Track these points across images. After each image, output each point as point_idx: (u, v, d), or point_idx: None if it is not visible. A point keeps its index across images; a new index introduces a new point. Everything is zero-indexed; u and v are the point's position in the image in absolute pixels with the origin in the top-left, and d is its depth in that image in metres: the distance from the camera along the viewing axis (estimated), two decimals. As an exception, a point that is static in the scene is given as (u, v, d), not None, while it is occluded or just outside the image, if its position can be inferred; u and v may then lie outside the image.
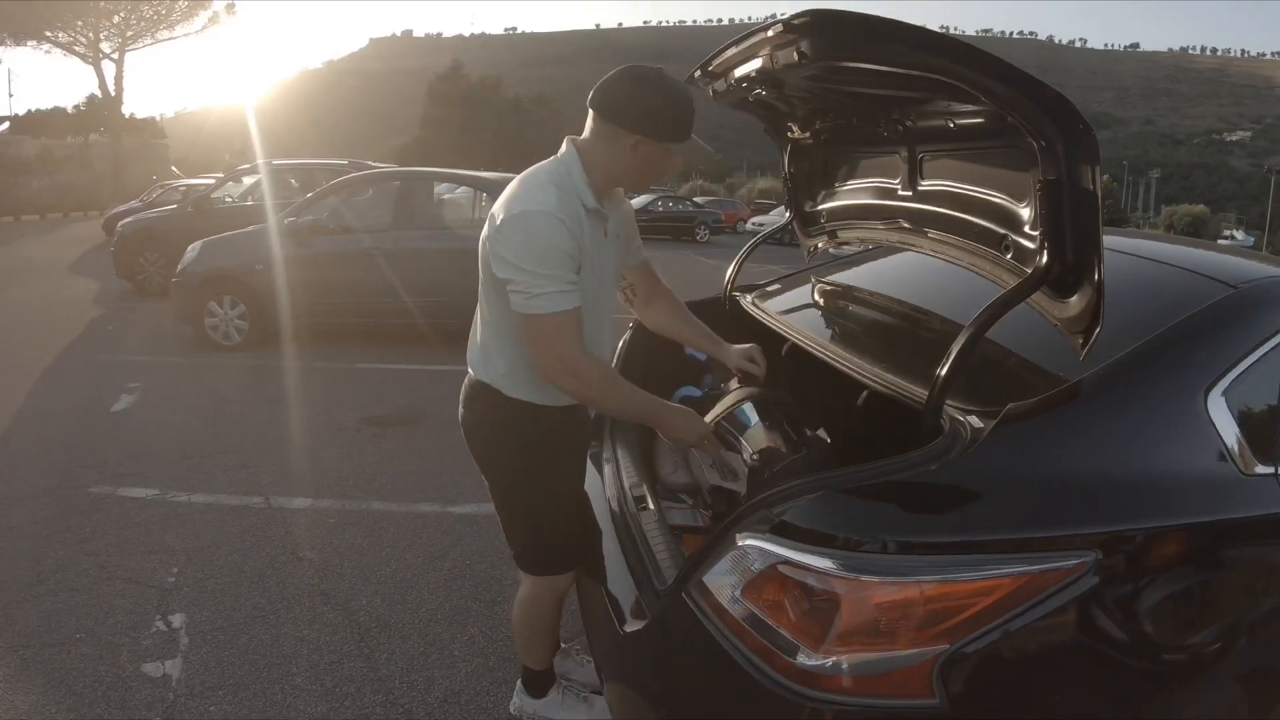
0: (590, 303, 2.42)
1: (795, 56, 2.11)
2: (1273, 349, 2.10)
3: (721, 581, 1.85)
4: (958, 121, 2.31)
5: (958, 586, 1.65)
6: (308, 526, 4.64)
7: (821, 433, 2.99)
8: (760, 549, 1.76)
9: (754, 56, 2.37)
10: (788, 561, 1.71)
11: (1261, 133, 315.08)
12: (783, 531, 1.74)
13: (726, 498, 2.86)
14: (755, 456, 2.65)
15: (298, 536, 4.51)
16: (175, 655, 3.38)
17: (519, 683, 3.03)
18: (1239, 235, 76.53)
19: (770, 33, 2.17)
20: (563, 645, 3.22)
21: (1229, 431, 1.97)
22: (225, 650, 3.42)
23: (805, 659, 1.66)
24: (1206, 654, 1.92)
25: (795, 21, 1.99)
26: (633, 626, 2.19)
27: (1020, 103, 1.89)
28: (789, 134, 3.21)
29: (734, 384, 3.23)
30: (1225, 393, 1.99)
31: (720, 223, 36.50)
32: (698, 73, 2.78)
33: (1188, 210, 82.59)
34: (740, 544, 1.82)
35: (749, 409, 2.94)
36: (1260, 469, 2.00)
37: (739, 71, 2.52)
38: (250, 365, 8.57)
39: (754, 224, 37.29)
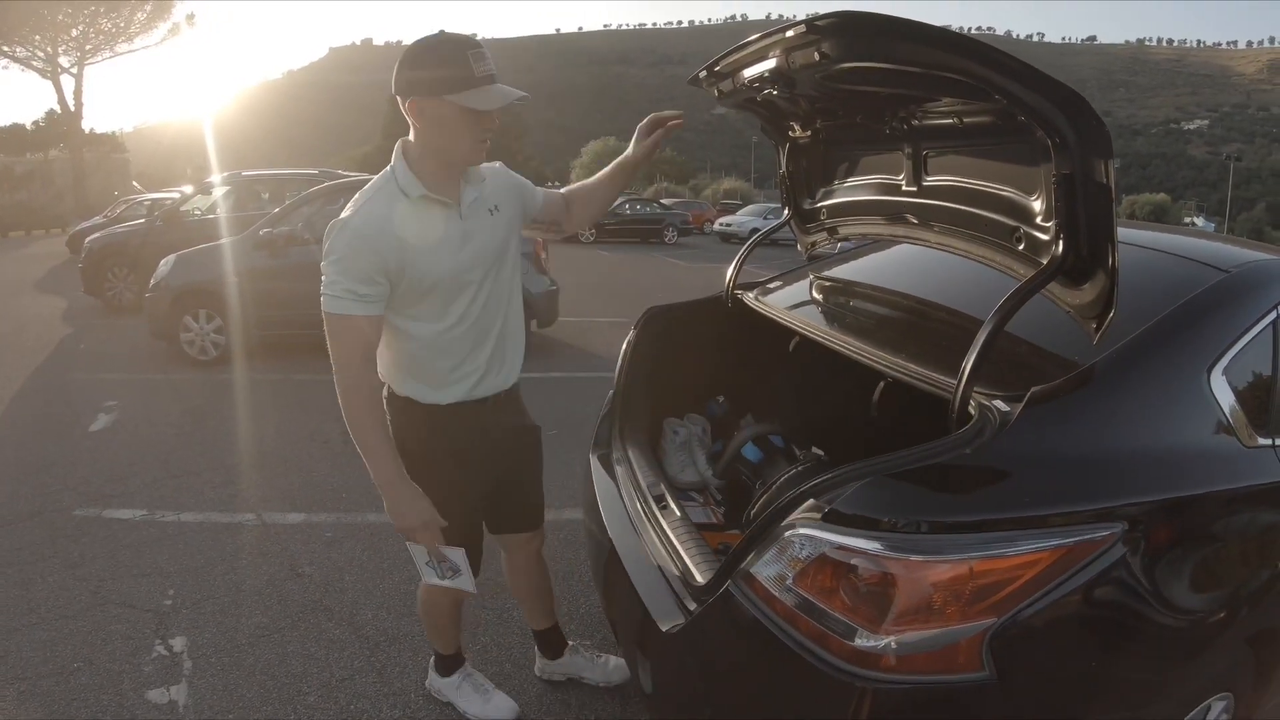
0: (456, 292, 2.47)
1: (816, 57, 2.15)
2: (1265, 328, 2.29)
3: (770, 571, 1.91)
4: (966, 119, 2.34)
5: (1003, 562, 1.74)
6: (304, 542, 4.55)
7: (816, 449, 3.15)
8: (810, 537, 1.83)
9: (767, 57, 2.39)
10: (841, 547, 1.77)
11: (1218, 120, 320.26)
12: (832, 519, 1.80)
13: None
14: (766, 487, 2.82)
15: (295, 552, 4.42)
16: (180, 680, 3.29)
17: (431, 659, 3.17)
18: (1199, 221, 77.86)
19: (790, 33, 2.19)
20: (571, 643, 3.31)
21: (1231, 407, 2.15)
22: (231, 672, 3.34)
23: (863, 640, 1.73)
24: (1221, 614, 2.08)
25: (820, 22, 2.03)
26: (673, 623, 2.20)
27: (1036, 101, 1.91)
28: (789, 133, 3.19)
29: (744, 420, 3.49)
30: (1225, 371, 2.15)
31: (688, 224, 36.54)
32: (703, 73, 2.80)
33: (1149, 199, 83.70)
34: (787, 534, 1.87)
35: (751, 447, 3.22)
36: (1260, 441, 2.21)
37: (750, 72, 2.56)
38: (228, 380, 8.44)
39: (721, 224, 37.26)
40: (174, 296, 8.98)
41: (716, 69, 2.72)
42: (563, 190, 2.97)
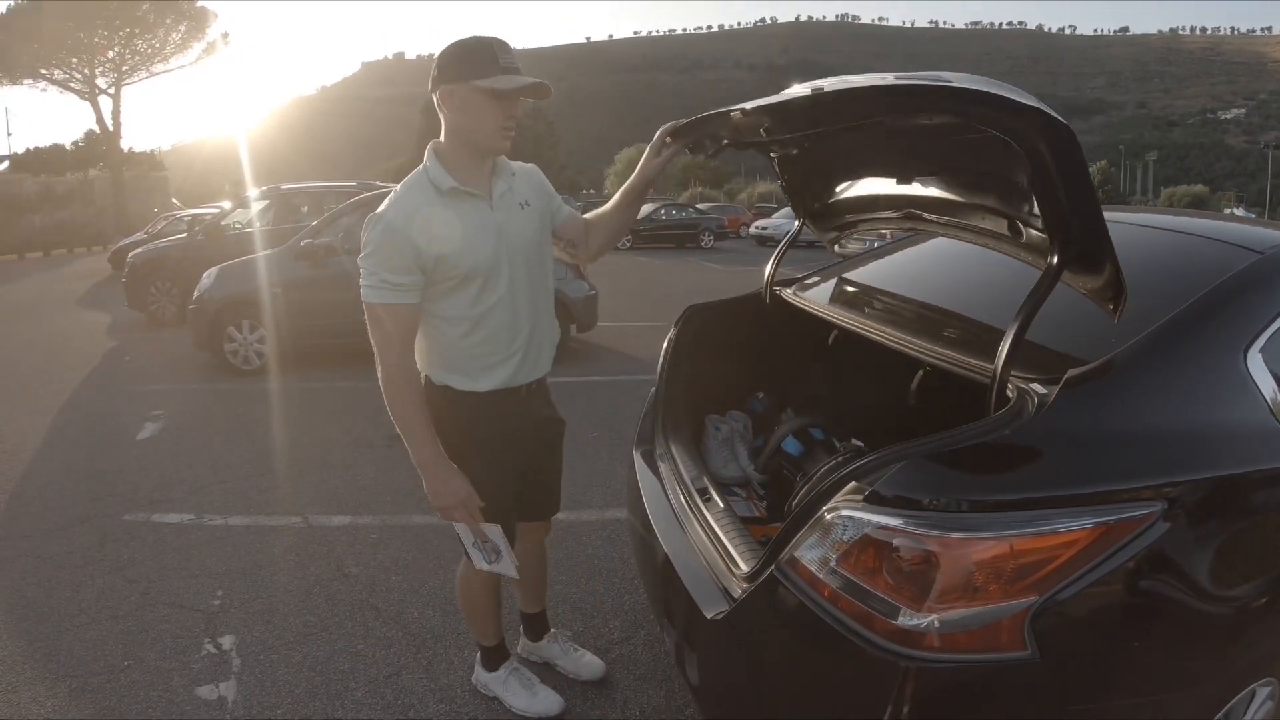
0: (491, 280, 2.57)
1: (763, 133, 2.41)
2: None
3: (813, 555, 1.92)
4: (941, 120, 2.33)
5: (1044, 540, 1.74)
6: (349, 543, 4.61)
7: (856, 441, 3.16)
8: (852, 518, 1.84)
9: (723, 128, 2.58)
10: (883, 527, 1.78)
11: (1256, 109, 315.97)
12: (873, 500, 1.82)
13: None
14: (807, 479, 2.82)
15: (341, 553, 4.48)
16: (229, 677, 3.34)
17: (478, 655, 3.18)
18: (1240, 212, 76.73)
19: (736, 115, 2.35)
20: (552, 630, 3.39)
21: (1267, 386, 2.13)
22: (280, 669, 3.39)
23: (906, 619, 1.75)
24: (1264, 597, 2.04)
25: (750, 108, 2.24)
26: (718, 610, 2.21)
27: (998, 120, 1.89)
28: (770, 154, 3.17)
29: (784, 415, 3.49)
30: (1262, 351, 2.14)
31: (724, 228, 36.45)
32: (668, 139, 2.83)
33: (1187, 190, 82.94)
34: (830, 517, 1.89)
35: (791, 441, 3.24)
36: None
37: (714, 135, 2.74)
38: (273, 388, 8.56)
39: (758, 228, 37.00)
40: (217, 308, 9.14)
41: (684, 135, 2.79)
42: (585, 215, 3.05)
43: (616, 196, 2.99)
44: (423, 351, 2.69)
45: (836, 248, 3.68)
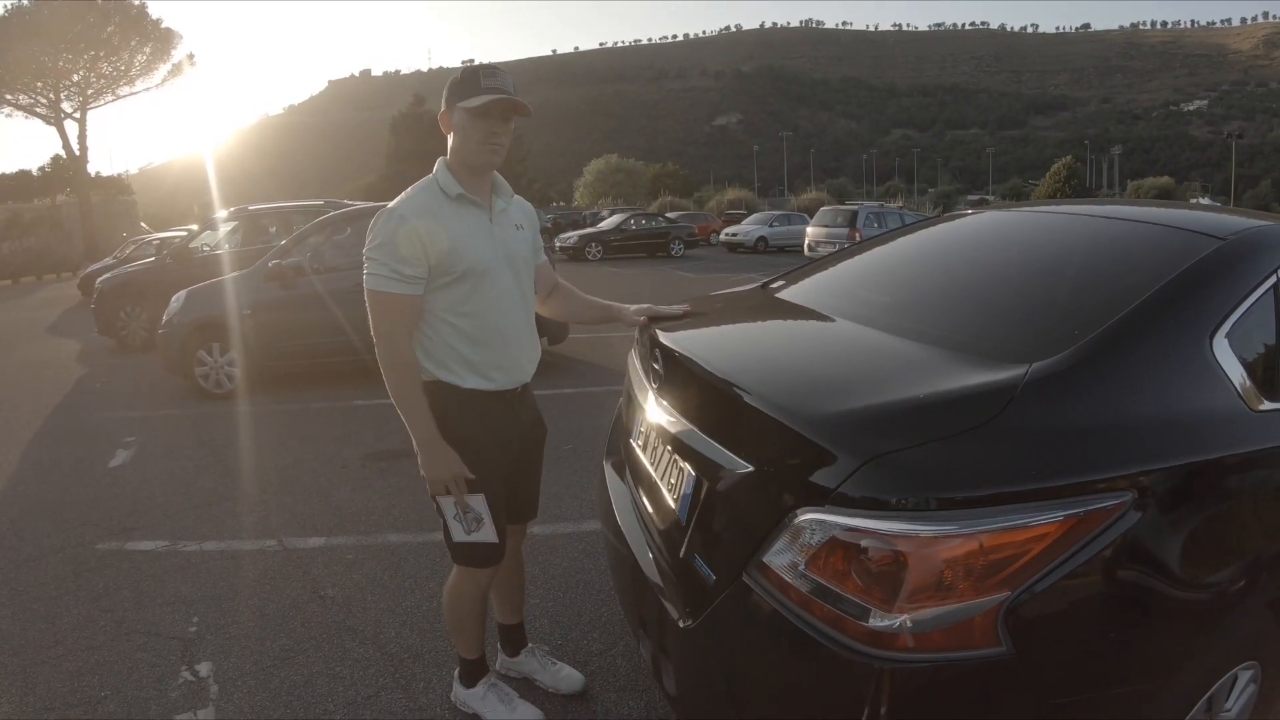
0: (485, 282, 2.75)
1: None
2: (1265, 293, 2.30)
3: (782, 559, 1.91)
4: None
5: (1013, 535, 1.73)
6: (325, 565, 4.58)
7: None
8: (819, 521, 1.83)
9: None
10: (850, 529, 1.77)
11: (1218, 100, 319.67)
12: (839, 501, 1.80)
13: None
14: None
15: (316, 575, 4.44)
16: (207, 704, 3.31)
17: (455, 672, 3.20)
18: (1205, 201, 77.79)
19: None
20: (530, 645, 3.39)
21: (1235, 372, 2.14)
22: (258, 695, 3.35)
23: (878, 621, 1.73)
24: (1241, 581, 2.06)
25: None
26: (692, 619, 2.20)
27: None
28: None
29: None
30: (1228, 336, 2.15)
31: (694, 236, 36.46)
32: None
33: (1153, 183, 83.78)
34: (797, 520, 1.87)
35: None
36: (1266, 405, 2.18)
37: None
38: (245, 411, 8.49)
39: (728, 234, 37.08)
40: (187, 332, 9.07)
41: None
42: (558, 277, 3.30)
43: (599, 301, 3.28)
44: (417, 347, 2.78)
45: (806, 250, 3.69)
